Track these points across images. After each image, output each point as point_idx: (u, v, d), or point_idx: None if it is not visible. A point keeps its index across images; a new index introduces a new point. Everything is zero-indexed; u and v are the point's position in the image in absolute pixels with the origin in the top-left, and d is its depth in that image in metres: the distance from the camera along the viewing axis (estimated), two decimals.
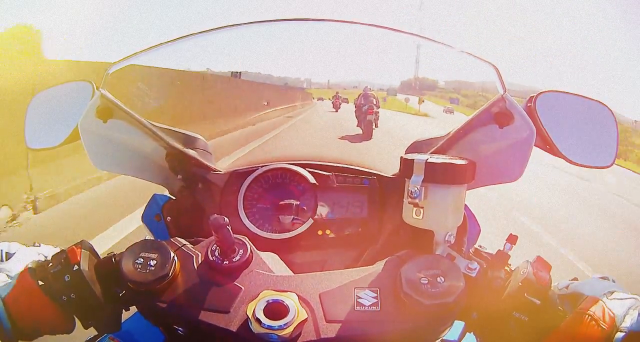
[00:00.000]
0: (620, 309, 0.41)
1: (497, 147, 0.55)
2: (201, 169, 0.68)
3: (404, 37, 0.58)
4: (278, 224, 0.66)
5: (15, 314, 0.45)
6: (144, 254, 0.45)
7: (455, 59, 0.59)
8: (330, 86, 1.82)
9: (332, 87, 1.87)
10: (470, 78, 3.58)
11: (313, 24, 0.61)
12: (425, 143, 0.65)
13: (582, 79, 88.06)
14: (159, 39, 0.57)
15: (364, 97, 1.74)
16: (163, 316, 0.46)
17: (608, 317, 0.40)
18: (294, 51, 3.52)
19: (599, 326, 0.40)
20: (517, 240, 0.49)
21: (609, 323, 0.40)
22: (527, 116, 0.52)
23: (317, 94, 2.01)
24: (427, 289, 0.41)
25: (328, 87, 1.81)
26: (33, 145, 0.64)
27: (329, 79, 1.80)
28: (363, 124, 1.77)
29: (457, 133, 0.58)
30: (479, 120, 0.56)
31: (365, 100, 1.72)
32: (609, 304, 0.41)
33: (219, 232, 0.44)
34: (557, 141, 0.53)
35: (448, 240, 0.50)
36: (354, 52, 5.42)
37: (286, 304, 0.41)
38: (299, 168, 0.69)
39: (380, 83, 2.03)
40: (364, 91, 1.72)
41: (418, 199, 0.48)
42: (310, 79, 1.89)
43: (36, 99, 0.66)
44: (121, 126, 0.60)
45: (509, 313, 0.46)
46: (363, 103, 1.73)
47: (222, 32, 0.60)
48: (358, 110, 1.77)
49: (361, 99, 1.74)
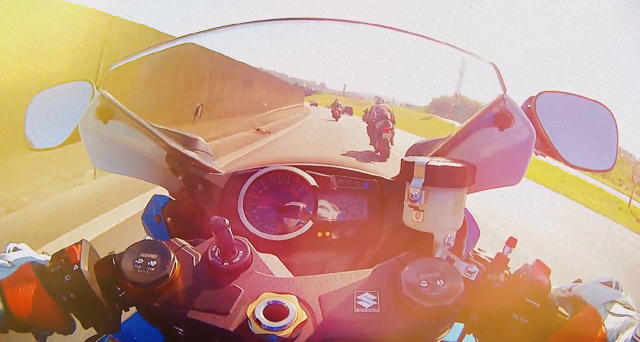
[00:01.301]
0: (614, 325, 0.41)
1: (497, 149, 0.55)
2: (201, 170, 0.68)
3: (405, 38, 0.58)
4: (278, 226, 0.66)
5: (11, 300, 0.44)
6: (144, 254, 0.45)
7: (456, 59, 0.59)
8: (345, 94, 1.46)
9: (346, 95, 1.50)
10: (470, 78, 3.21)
11: (325, 24, 0.61)
12: (425, 145, 0.65)
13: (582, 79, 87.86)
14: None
15: (377, 111, 1.44)
16: (163, 316, 0.46)
17: (600, 331, 0.41)
18: (303, 52, 3.10)
19: (589, 339, 0.40)
20: (516, 243, 0.49)
21: (599, 338, 0.40)
22: (527, 118, 0.52)
23: (315, 99, 1.65)
24: (426, 292, 0.41)
25: (343, 94, 1.47)
26: (33, 146, 0.63)
27: (344, 84, 1.41)
28: (378, 142, 1.45)
29: (457, 135, 0.58)
30: (479, 122, 0.56)
31: (379, 116, 1.42)
32: (604, 317, 0.42)
33: (219, 234, 0.44)
34: (556, 144, 0.53)
35: (448, 243, 0.50)
36: (370, 58, 4.53)
37: (286, 306, 0.41)
38: (299, 170, 0.69)
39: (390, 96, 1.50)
40: (376, 104, 1.43)
41: (418, 202, 0.48)
42: (324, 84, 1.46)
43: (36, 99, 0.66)
44: (121, 127, 0.60)
45: (508, 315, 0.46)
46: (376, 118, 1.43)
47: (223, 32, 0.60)
48: (370, 127, 1.45)
49: (374, 114, 1.44)
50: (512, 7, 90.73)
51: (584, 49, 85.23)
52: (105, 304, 0.47)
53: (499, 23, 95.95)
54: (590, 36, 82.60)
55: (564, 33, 71.22)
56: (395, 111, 1.46)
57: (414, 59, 0.79)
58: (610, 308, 0.42)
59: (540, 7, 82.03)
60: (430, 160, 0.48)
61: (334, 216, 0.67)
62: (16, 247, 0.51)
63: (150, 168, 0.67)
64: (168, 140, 0.64)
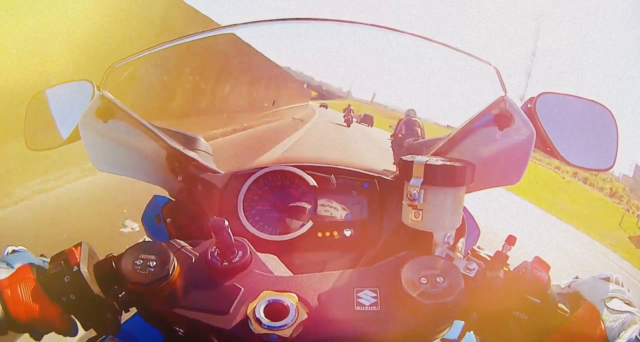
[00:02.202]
0: (614, 322, 0.41)
1: (496, 149, 0.55)
2: (201, 171, 0.68)
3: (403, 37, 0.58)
4: (278, 226, 0.66)
5: (9, 301, 0.44)
6: (144, 255, 0.46)
7: (456, 60, 0.59)
8: (373, 103, 1.31)
9: (373, 104, 1.33)
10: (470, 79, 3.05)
11: (353, 28, 0.60)
12: (424, 144, 0.65)
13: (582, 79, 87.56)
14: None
15: (407, 124, 1.27)
16: (162, 316, 0.46)
17: (599, 329, 0.40)
18: (330, 55, 2.91)
19: (589, 337, 0.40)
20: (515, 241, 0.49)
21: (599, 335, 0.40)
22: (527, 118, 0.52)
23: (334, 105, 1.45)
24: (426, 289, 0.41)
25: (371, 103, 1.31)
26: (33, 146, 0.63)
27: (374, 92, 1.27)
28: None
29: (456, 135, 0.58)
30: (478, 122, 0.56)
31: (408, 130, 1.24)
32: (604, 314, 0.42)
33: (219, 234, 0.45)
34: (556, 143, 0.53)
35: (447, 242, 0.50)
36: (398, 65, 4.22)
37: (286, 305, 0.41)
38: (298, 170, 0.68)
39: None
40: (406, 116, 1.27)
41: (417, 201, 0.48)
42: (351, 91, 1.37)
43: (36, 99, 0.66)
44: (121, 127, 0.60)
45: (508, 312, 0.46)
46: (405, 134, 1.25)
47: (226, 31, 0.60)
48: (395, 142, 1.25)
49: (402, 127, 1.27)
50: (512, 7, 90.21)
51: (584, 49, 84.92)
52: (105, 305, 0.47)
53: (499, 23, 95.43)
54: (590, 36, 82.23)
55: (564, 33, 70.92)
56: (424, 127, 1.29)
57: (443, 70, 0.76)
58: (610, 304, 0.42)
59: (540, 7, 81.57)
60: (429, 159, 0.48)
61: (334, 216, 0.67)
62: (14, 250, 0.51)
63: (150, 168, 0.67)
64: (168, 140, 0.64)
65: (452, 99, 1.06)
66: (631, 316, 0.41)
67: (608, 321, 0.41)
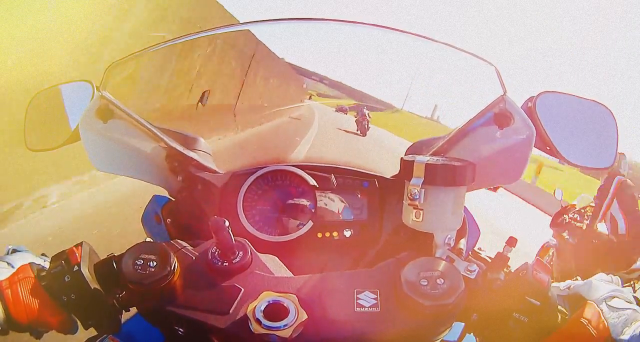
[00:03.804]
0: (617, 319, 0.41)
1: (496, 148, 0.55)
2: (201, 170, 0.68)
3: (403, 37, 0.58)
4: (278, 226, 0.66)
5: (10, 300, 0.44)
6: (144, 255, 0.46)
7: (455, 59, 0.59)
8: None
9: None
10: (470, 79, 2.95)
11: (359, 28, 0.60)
12: (425, 144, 0.65)
13: (582, 79, 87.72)
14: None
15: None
16: (163, 316, 0.46)
17: (602, 326, 0.40)
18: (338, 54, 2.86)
19: (592, 335, 0.40)
20: (516, 243, 0.49)
21: (602, 333, 0.40)
22: (526, 117, 0.52)
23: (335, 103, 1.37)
24: (426, 291, 0.41)
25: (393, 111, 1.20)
26: (33, 146, 0.63)
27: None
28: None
29: (457, 134, 0.58)
30: (478, 121, 0.56)
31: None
32: (606, 312, 0.42)
33: (219, 234, 0.44)
34: (556, 142, 0.53)
35: (447, 242, 0.50)
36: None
37: (286, 305, 0.41)
38: (298, 170, 0.68)
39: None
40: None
41: (418, 200, 0.48)
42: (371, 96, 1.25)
43: (36, 99, 0.66)
44: (121, 127, 0.60)
45: (508, 314, 0.46)
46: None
47: None
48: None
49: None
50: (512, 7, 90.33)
51: (584, 49, 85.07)
52: (105, 304, 0.47)
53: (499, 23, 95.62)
54: (591, 36, 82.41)
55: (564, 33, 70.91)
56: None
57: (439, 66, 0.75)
58: (611, 303, 0.43)
59: (540, 7, 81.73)
60: (430, 159, 0.48)
61: (334, 216, 0.67)
62: (15, 249, 0.51)
63: (150, 168, 0.67)
64: (168, 140, 0.64)
65: (452, 98, 1.05)
66: (634, 313, 0.41)
67: (611, 318, 0.41)
